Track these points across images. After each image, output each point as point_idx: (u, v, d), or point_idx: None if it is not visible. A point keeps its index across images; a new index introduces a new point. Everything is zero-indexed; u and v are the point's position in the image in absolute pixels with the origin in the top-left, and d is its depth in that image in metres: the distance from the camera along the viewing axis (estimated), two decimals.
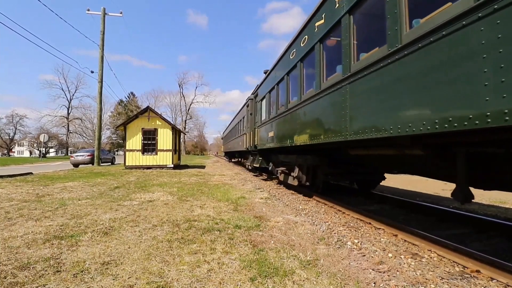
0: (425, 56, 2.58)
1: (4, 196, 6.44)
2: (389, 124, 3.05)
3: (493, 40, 1.99)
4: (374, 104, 3.34)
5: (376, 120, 3.29)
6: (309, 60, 5.54)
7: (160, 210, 5.08)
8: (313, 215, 5.11)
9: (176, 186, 8.69)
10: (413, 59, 2.72)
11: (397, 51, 2.92)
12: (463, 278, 2.60)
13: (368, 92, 3.48)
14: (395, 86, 2.97)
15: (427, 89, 2.56)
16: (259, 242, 3.43)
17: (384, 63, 3.13)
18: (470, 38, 2.16)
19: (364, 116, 3.55)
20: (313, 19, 5.15)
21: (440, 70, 2.42)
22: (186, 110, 77.03)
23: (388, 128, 3.06)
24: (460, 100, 2.25)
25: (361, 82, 3.61)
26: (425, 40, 2.57)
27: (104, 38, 19.31)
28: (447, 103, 2.37)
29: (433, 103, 2.50)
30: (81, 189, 7.69)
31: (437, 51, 2.45)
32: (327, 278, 2.49)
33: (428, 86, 2.55)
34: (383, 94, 3.15)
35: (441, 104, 2.42)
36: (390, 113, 3.04)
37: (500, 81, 1.94)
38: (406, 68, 2.82)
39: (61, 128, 61.86)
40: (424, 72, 2.60)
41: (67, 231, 3.69)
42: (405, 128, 2.82)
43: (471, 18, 2.15)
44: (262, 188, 8.60)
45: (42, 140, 32.72)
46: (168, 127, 16.75)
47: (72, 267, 2.59)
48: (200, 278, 2.44)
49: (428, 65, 2.55)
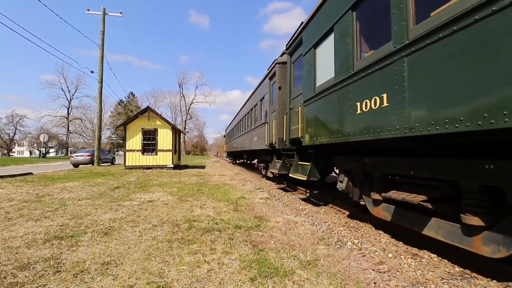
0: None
1: (4, 196, 6.44)
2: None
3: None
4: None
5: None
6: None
7: (160, 210, 5.07)
8: (313, 215, 5.11)
9: (176, 186, 8.68)
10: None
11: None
12: (463, 278, 2.60)
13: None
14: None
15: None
16: (259, 242, 3.43)
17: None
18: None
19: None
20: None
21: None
22: (186, 110, 77.09)
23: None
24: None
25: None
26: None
27: (104, 38, 19.31)
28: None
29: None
30: (81, 189, 7.68)
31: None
32: (327, 278, 2.49)
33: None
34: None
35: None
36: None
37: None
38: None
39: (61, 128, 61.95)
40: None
41: (67, 231, 3.69)
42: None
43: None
44: (262, 188, 8.60)
45: (42, 140, 32.72)
46: (168, 127, 16.74)
47: (72, 267, 2.59)
48: (200, 278, 2.44)
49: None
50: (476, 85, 2.05)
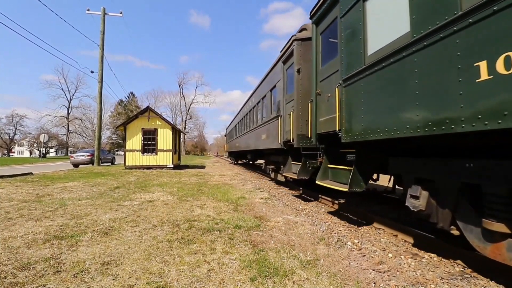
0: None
1: (4, 196, 6.44)
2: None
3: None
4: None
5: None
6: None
7: (160, 210, 5.07)
8: (313, 215, 5.11)
9: (176, 186, 8.68)
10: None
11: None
12: (463, 278, 2.60)
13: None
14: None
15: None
16: (259, 242, 3.43)
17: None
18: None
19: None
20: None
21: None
22: (186, 110, 77.07)
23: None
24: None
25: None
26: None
27: (104, 38, 19.30)
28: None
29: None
30: (81, 189, 7.68)
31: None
32: (327, 278, 2.49)
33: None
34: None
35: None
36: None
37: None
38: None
39: (61, 128, 61.94)
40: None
41: (67, 231, 3.69)
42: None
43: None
44: (262, 188, 8.60)
45: (42, 140, 32.72)
46: (168, 127, 16.74)
47: (72, 267, 2.59)
48: (200, 278, 2.44)
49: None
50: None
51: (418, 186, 3.07)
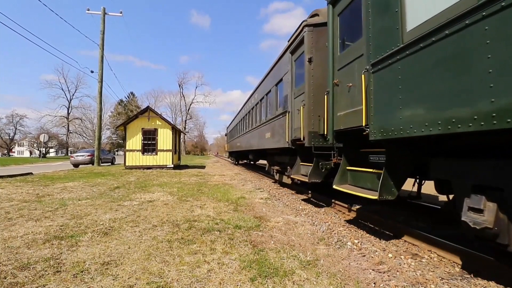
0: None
1: (4, 196, 6.44)
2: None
3: None
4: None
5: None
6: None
7: (160, 210, 5.08)
8: (313, 215, 5.11)
9: (176, 186, 8.69)
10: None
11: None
12: (463, 279, 2.59)
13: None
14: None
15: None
16: (259, 242, 3.43)
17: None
18: None
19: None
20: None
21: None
22: (186, 110, 77.13)
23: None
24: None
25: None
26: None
27: (104, 38, 19.31)
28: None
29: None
30: (81, 189, 7.69)
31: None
32: (327, 278, 2.49)
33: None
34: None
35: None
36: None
37: None
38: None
39: (61, 128, 61.99)
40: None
41: (67, 231, 3.69)
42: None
43: None
44: (262, 188, 8.60)
45: (42, 140, 32.74)
46: (168, 127, 16.75)
47: (72, 267, 2.59)
48: (200, 278, 2.44)
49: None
50: None
51: (481, 196, 2.35)
